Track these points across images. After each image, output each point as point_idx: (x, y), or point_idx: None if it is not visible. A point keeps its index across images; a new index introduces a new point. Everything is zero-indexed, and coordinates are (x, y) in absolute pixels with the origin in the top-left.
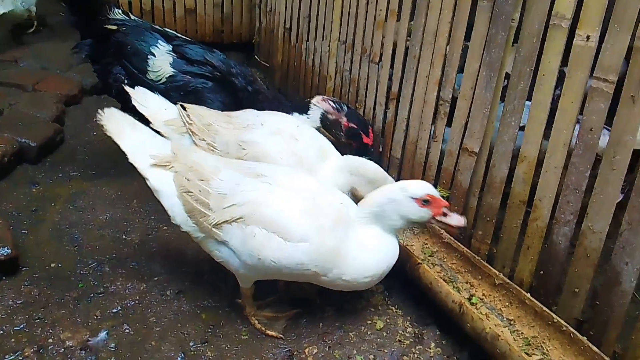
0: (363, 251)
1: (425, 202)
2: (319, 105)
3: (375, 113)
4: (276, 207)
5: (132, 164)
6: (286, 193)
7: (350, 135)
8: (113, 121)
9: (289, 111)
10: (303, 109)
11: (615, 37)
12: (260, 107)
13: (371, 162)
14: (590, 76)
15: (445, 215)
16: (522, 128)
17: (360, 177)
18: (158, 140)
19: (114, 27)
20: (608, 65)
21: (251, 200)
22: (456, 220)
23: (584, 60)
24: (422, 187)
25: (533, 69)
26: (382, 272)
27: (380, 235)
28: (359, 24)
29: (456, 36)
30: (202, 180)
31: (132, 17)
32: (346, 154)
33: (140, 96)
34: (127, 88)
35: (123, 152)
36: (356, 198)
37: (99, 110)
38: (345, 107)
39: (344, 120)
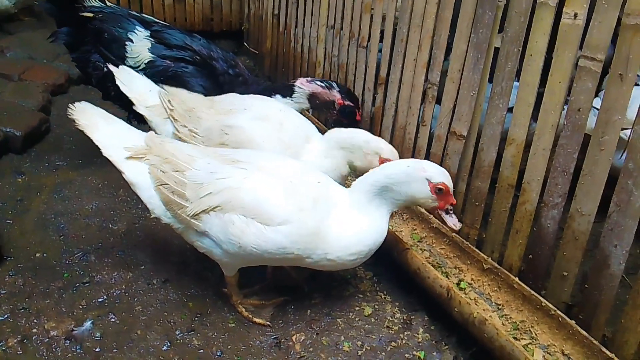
0: (347, 229)
1: (438, 190)
2: (304, 87)
3: (364, 98)
4: (253, 192)
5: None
6: (262, 177)
7: (344, 114)
8: (85, 115)
9: (270, 93)
10: (286, 91)
11: (603, 15)
12: (240, 91)
13: (358, 130)
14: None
15: (447, 212)
16: (510, 109)
17: (353, 149)
18: (133, 132)
19: (90, 15)
20: (596, 44)
21: (227, 187)
22: (452, 222)
23: (572, 39)
24: (442, 174)
25: (521, 49)
26: (368, 249)
27: (367, 212)
28: (347, 8)
29: (444, 17)
30: (177, 171)
31: (109, 3)
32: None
33: (124, 76)
34: (111, 67)
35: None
36: (357, 173)
37: (70, 105)
38: (335, 85)
39: (337, 97)
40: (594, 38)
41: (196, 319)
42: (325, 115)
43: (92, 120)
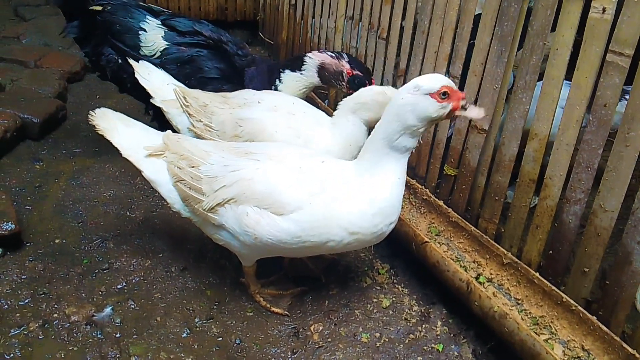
0: (364, 204)
1: (443, 95)
2: (314, 57)
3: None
4: (264, 182)
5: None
6: (273, 167)
7: (353, 84)
8: (105, 119)
9: (279, 69)
10: (295, 65)
11: (632, 9)
12: (252, 71)
13: (363, 89)
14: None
15: (464, 108)
16: None
17: (365, 105)
18: (151, 133)
19: (99, 8)
20: (624, 39)
21: (240, 179)
22: (476, 112)
23: (600, 33)
24: (437, 80)
25: (546, 43)
26: (393, 218)
27: (382, 170)
28: None
29: (467, 8)
30: (193, 167)
31: None
32: None
33: (143, 70)
34: (131, 61)
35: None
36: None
37: (90, 112)
38: (345, 55)
39: (346, 67)
40: (623, 33)
41: (215, 307)
42: (335, 89)
43: (112, 124)
